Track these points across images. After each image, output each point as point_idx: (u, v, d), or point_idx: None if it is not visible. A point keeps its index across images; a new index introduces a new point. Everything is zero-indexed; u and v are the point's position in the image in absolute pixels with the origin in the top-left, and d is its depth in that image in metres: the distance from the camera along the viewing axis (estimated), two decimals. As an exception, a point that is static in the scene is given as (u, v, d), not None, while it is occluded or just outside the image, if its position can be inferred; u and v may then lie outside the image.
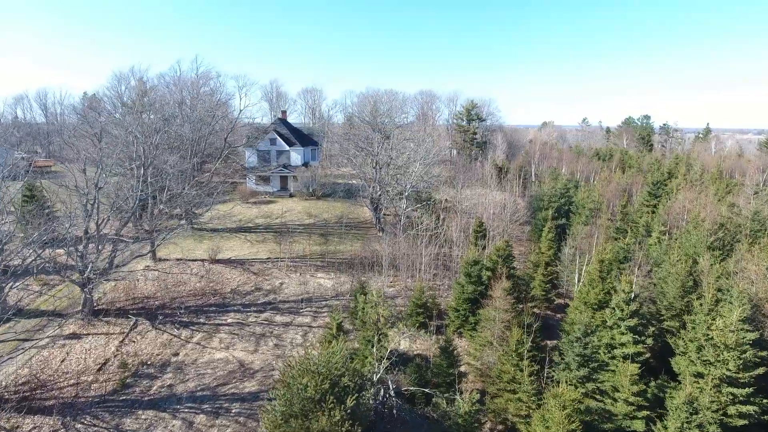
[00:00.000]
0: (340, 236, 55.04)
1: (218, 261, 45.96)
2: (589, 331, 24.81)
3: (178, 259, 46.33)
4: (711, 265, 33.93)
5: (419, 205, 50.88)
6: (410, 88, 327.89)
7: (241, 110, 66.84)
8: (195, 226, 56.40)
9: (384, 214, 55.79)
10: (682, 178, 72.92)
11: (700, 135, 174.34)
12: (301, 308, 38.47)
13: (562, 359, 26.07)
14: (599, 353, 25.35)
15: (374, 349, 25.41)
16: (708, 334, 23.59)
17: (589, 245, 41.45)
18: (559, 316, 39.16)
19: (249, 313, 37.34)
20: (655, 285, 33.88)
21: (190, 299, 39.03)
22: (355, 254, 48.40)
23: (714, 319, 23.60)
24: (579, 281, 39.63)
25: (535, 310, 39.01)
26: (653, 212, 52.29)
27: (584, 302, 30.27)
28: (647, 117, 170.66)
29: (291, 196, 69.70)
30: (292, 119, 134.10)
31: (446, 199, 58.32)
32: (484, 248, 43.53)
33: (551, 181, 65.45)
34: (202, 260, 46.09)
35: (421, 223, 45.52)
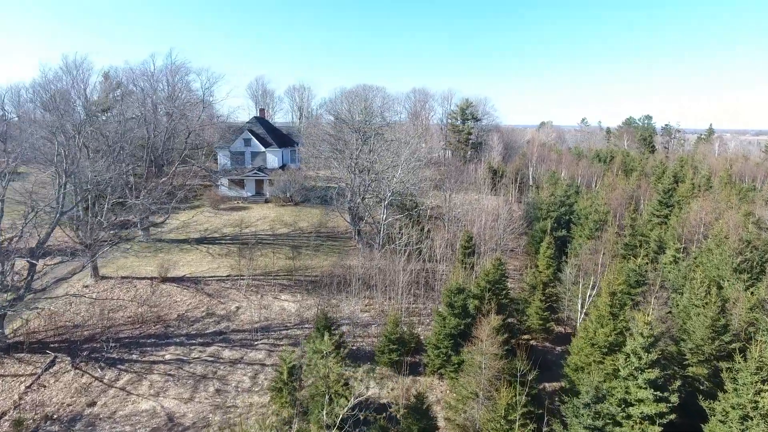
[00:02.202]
0: (314, 249, 49.30)
1: (169, 279, 40.16)
2: (601, 395, 19.15)
3: (123, 277, 40.52)
4: (741, 291, 28.42)
5: (401, 215, 45.19)
6: (404, 87, 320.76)
7: (203, 107, 60.81)
8: (152, 236, 50.62)
9: (366, 223, 50.05)
10: (690, 183, 67.57)
11: (703, 136, 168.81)
12: (257, 339, 32.70)
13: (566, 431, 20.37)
14: (613, 415, 19.75)
15: (323, 414, 19.72)
16: (756, 402, 17.99)
17: (595, 264, 35.77)
18: (559, 349, 33.52)
19: (193, 347, 31.55)
20: (674, 316, 28.30)
21: (126, 328, 33.22)
22: (327, 270, 42.69)
23: (765, 383, 18.00)
24: (583, 308, 33.99)
25: (532, 342, 33.37)
26: (664, 223, 46.69)
27: (591, 342, 24.62)
28: (649, 117, 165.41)
29: (266, 201, 63.93)
30: (279, 118, 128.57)
31: (432, 207, 52.57)
32: (472, 267, 37.84)
33: (550, 186, 59.81)
34: (152, 278, 40.30)
35: (401, 237, 39.81)
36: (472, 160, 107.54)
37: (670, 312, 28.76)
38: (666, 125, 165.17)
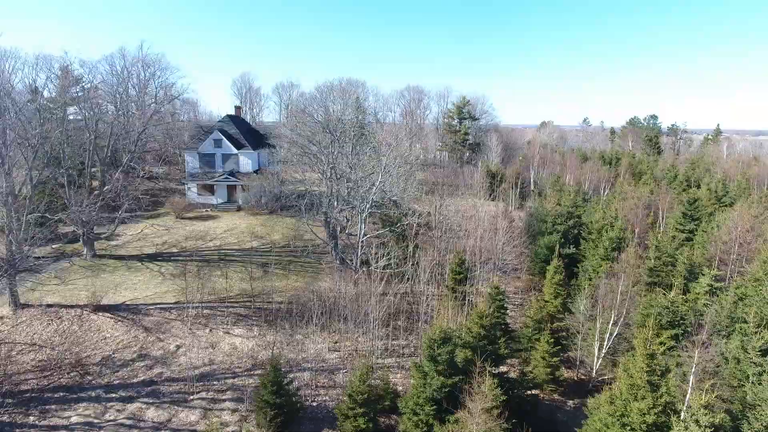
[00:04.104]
0: (284, 266, 42.74)
1: (103, 308, 33.61)
2: None
3: (49, 306, 33.92)
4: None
5: (383, 230, 38.77)
6: (399, 84, 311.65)
7: (154, 103, 54.16)
8: (101, 251, 44.08)
9: (342, 239, 43.49)
10: (706, 189, 61.18)
11: (710, 136, 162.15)
12: (194, 392, 26.18)
13: None
14: None
15: None
16: None
17: (613, 292, 29.29)
18: (571, 404, 27.00)
19: (111, 403, 25.01)
20: (724, 376, 21.83)
21: (32, 377, 26.68)
22: (295, 295, 36.17)
23: None
24: (601, 351, 27.53)
25: (539, 395, 26.85)
26: (689, 240, 40.20)
27: (621, 420, 18.10)
28: (654, 117, 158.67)
29: (239, 209, 57.38)
30: (266, 118, 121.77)
31: (421, 216, 45.94)
32: (464, 297, 31.34)
33: (555, 193, 53.29)
34: (83, 306, 33.74)
35: (379, 258, 33.29)
36: (469, 162, 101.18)
37: (717, 367, 22.29)
38: (672, 125, 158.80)
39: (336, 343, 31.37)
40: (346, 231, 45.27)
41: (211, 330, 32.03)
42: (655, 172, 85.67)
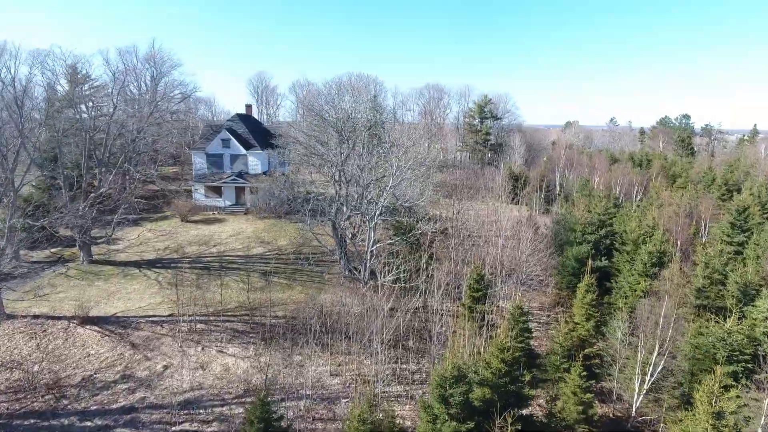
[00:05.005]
0: (289, 276, 39.91)
1: (91, 321, 31.27)
2: None
3: (36, 317, 31.75)
4: None
5: (393, 239, 35.52)
6: (418, 84, 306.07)
7: (158, 101, 51.86)
8: (99, 256, 42.02)
9: (357, 242, 40.44)
10: (748, 193, 56.10)
11: (746, 137, 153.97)
12: (177, 422, 23.41)
13: None
14: None
15: None
16: None
17: (655, 315, 25.45)
18: (607, 447, 23.32)
19: (84, 434, 22.45)
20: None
21: (2, 399, 24.31)
22: (297, 308, 33.23)
23: None
24: (643, 387, 23.75)
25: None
26: (739, 254, 35.84)
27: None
28: (686, 117, 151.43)
29: (247, 212, 54.89)
30: (284, 117, 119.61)
31: (437, 221, 42.57)
32: (482, 318, 27.86)
33: (583, 198, 49.17)
34: (70, 318, 31.44)
35: (388, 271, 30.07)
36: (490, 163, 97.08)
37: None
38: (706, 125, 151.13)
39: (339, 366, 28.28)
40: (358, 238, 42.29)
41: (203, 348, 29.28)
42: (690, 174, 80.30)
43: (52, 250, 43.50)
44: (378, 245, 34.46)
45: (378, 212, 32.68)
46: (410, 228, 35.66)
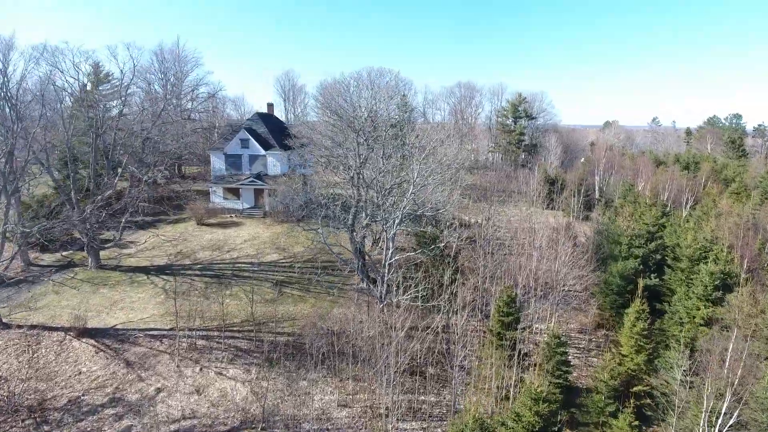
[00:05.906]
0: (302, 286, 37.13)
1: (88, 333, 29.25)
2: None
3: (32, 327, 29.94)
4: None
5: (415, 251, 32.14)
6: (449, 82, 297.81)
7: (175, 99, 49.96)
8: (110, 260, 40.38)
9: (374, 251, 37.33)
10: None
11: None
12: (163, 458, 20.83)
13: None
14: None
15: None
16: None
17: (721, 355, 21.25)
18: None
19: (59, 469, 20.10)
20: None
21: (-20, 424, 22.32)
22: (307, 325, 30.28)
23: None
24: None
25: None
26: (818, 275, 30.76)
27: None
28: (738, 116, 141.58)
29: (265, 215, 52.58)
30: (310, 117, 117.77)
31: (464, 229, 38.98)
32: (513, 347, 24.16)
33: (628, 206, 44.45)
34: (67, 330, 29.51)
35: (407, 289, 26.74)
36: (524, 165, 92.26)
37: None
38: (759, 125, 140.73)
39: (349, 395, 25.17)
40: (379, 245, 39.14)
41: (201, 369, 26.73)
42: (744, 179, 73.51)
43: (64, 253, 42.21)
44: (397, 258, 31.16)
45: (397, 221, 29.41)
46: (434, 238, 32.21)
